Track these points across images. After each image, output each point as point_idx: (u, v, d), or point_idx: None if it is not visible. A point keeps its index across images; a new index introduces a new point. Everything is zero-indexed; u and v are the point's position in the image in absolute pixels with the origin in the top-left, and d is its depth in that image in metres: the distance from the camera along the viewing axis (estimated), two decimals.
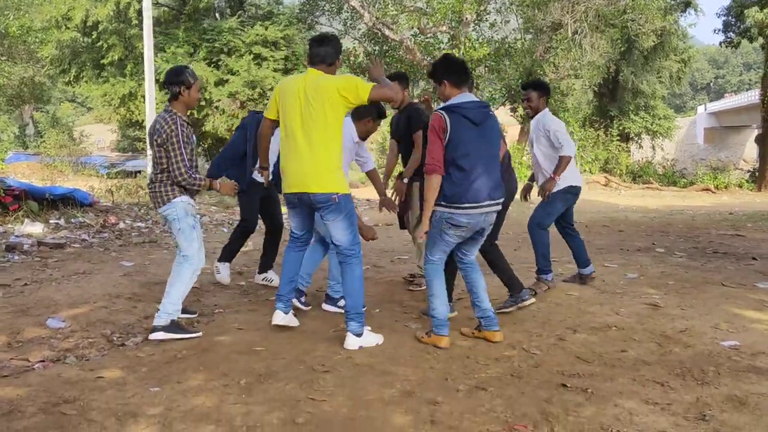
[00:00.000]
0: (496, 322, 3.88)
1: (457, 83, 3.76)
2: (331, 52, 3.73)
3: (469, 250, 3.90)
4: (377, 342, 3.74)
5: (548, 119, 4.91)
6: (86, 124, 41.18)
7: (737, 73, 77.03)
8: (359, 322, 3.70)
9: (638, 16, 19.90)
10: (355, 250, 3.72)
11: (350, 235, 3.71)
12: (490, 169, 3.67)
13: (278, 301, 3.95)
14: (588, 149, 23.65)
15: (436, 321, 3.78)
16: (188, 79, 3.93)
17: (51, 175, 17.68)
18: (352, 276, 3.72)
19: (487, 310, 3.88)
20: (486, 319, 3.87)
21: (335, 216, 3.66)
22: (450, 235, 3.70)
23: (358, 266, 3.73)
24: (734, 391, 3.00)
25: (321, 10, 23.47)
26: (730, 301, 4.75)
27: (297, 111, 3.63)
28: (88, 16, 21.62)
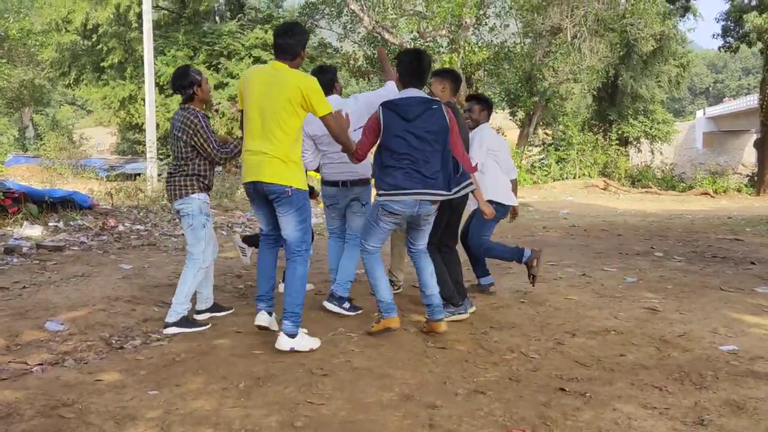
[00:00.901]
0: (440, 311, 3.96)
1: (404, 81, 3.91)
2: (294, 44, 3.63)
3: (415, 238, 4.02)
4: (312, 346, 3.65)
5: (484, 133, 4.91)
6: (86, 127, 41.21)
7: (736, 78, 77.17)
8: (294, 322, 3.62)
9: (637, 20, 19.95)
10: (302, 248, 3.70)
11: (300, 232, 3.68)
12: (421, 161, 3.76)
13: (259, 301, 3.92)
14: (587, 153, 23.66)
15: (384, 305, 3.92)
16: (196, 77, 4.05)
17: (50, 177, 17.66)
18: (294, 274, 3.68)
19: (431, 296, 3.96)
20: (429, 307, 3.97)
21: (287, 209, 3.64)
22: (385, 222, 3.87)
23: (302, 265, 3.71)
24: (732, 396, 3.00)
25: (321, 13, 23.53)
26: (728, 305, 4.76)
27: (257, 102, 3.59)
28: (88, 19, 21.69)
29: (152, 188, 13.51)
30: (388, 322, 3.93)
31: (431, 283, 3.99)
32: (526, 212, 13.69)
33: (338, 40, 23.81)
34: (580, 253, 7.50)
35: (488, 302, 4.90)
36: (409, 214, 3.82)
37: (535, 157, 25.37)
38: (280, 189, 3.59)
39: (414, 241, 4.03)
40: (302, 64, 3.82)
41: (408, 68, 3.92)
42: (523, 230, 10.00)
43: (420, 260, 4.04)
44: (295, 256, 3.70)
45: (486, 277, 5.22)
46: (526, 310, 4.67)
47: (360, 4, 19.21)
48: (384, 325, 3.93)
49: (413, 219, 3.88)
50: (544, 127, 25.88)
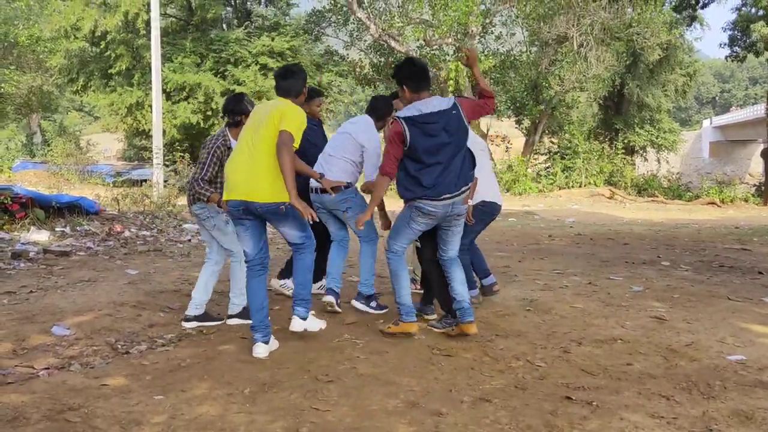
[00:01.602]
0: (470, 313, 4.02)
1: (415, 89, 3.94)
2: (294, 85, 3.84)
3: (446, 244, 4.11)
4: (320, 326, 3.95)
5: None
6: (93, 133, 41.37)
7: (743, 88, 77.04)
8: (305, 307, 3.87)
9: (644, 29, 19.96)
10: (306, 242, 3.86)
11: (299, 231, 3.82)
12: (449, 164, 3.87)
13: (256, 332, 3.73)
14: (593, 162, 23.64)
15: (404, 308, 4.05)
16: (248, 108, 4.26)
17: (57, 183, 17.72)
18: (302, 265, 3.88)
19: (462, 302, 4.03)
20: (460, 311, 4.03)
21: (283, 222, 3.78)
22: (418, 223, 3.99)
23: (309, 256, 3.88)
24: (741, 406, 2.98)
25: (327, 21, 23.65)
26: (736, 315, 4.74)
27: (252, 128, 3.78)
28: (96, 26, 21.84)
29: (158, 194, 13.54)
30: (407, 326, 4.05)
31: (462, 291, 4.07)
32: (532, 220, 13.67)
33: (345, 48, 23.92)
34: (586, 262, 7.48)
35: (494, 310, 4.89)
36: (443, 215, 3.91)
37: (541, 165, 25.36)
38: (275, 207, 3.70)
39: (445, 247, 4.11)
40: (309, 73, 3.94)
41: (412, 75, 3.97)
42: (529, 239, 9.98)
43: (451, 268, 4.11)
44: (301, 248, 3.86)
45: (488, 278, 5.18)
46: (532, 318, 4.65)
47: (366, 12, 19.29)
48: (403, 329, 4.03)
49: (446, 219, 3.97)
50: (549, 136, 25.88)
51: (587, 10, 19.09)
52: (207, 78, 21.03)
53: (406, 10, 19.45)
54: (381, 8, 19.99)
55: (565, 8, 19.05)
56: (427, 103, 3.89)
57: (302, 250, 3.86)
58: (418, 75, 3.96)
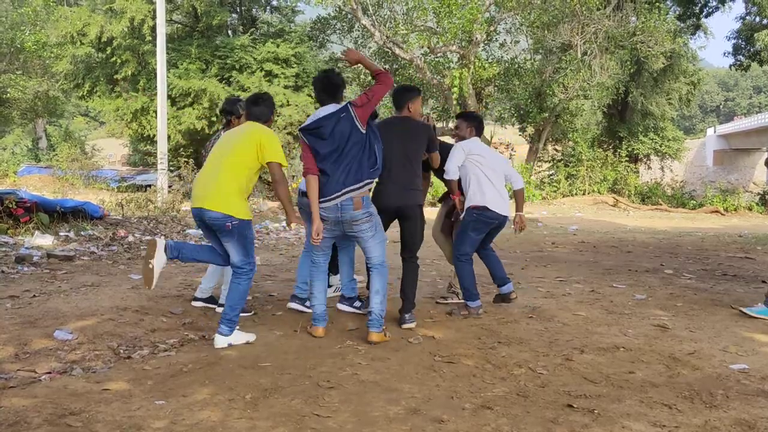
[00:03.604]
0: (375, 325, 4.13)
1: (321, 99, 4.26)
2: (265, 111, 4.15)
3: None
4: (247, 339, 4.04)
5: (462, 143, 4.99)
6: (98, 138, 41.61)
7: (747, 96, 76.97)
8: (229, 327, 3.97)
9: (648, 38, 19.96)
10: (245, 268, 3.98)
11: (241, 255, 3.96)
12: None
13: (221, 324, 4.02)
14: (596, 169, 23.62)
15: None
16: (239, 111, 4.68)
17: (62, 187, 17.83)
18: (237, 288, 3.98)
19: (371, 312, 4.15)
20: (369, 321, 4.16)
21: (228, 238, 3.94)
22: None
23: (246, 282, 4.00)
24: (743, 415, 2.97)
25: (332, 28, 23.73)
26: (739, 324, 4.72)
27: (219, 146, 4.08)
28: (102, 32, 21.96)
29: (162, 199, 13.58)
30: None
31: (375, 300, 4.17)
32: (535, 227, 13.65)
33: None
34: (588, 269, 7.46)
35: (496, 317, 4.88)
36: (334, 218, 4.13)
37: (545, 172, 25.35)
38: (222, 218, 3.87)
39: (366, 255, 4.32)
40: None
41: (315, 86, 4.39)
42: (532, 246, 9.97)
43: (371, 275, 4.30)
44: (240, 271, 3.99)
45: (506, 285, 5.15)
46: (535, 326, 4.65)
47: (371, 20, 19.35)
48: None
49: (344, 225, 4.17)
50: (553, 143, 25.89)
51: (591, 18, 19.10)
52: (212, 84, 21.11)
53: (411, 18, 19.50)
54: (386, 15, 20.05)
55: (569, 16, 19.07)
56: (322, 110, 4.18)
57: (240, 274, 3.98)
58: (317, 86, 4.29)
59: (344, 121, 4.07)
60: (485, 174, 4.88)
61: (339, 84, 4.30)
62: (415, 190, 4.55)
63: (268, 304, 5.24)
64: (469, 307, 4.93)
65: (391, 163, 4.41)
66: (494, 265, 5.14)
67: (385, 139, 4.35)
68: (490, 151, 5.11)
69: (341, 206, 4.05)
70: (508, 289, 5.14)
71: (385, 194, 4.49)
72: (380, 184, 4.53)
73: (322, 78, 4.32)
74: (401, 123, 4.61)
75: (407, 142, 4.53)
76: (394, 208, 4.49)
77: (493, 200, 4.87)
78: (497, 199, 4.89)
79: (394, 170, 4.44)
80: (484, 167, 4.89)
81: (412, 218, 4.56)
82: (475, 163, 4.89)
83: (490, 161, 4.95)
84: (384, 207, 4.44)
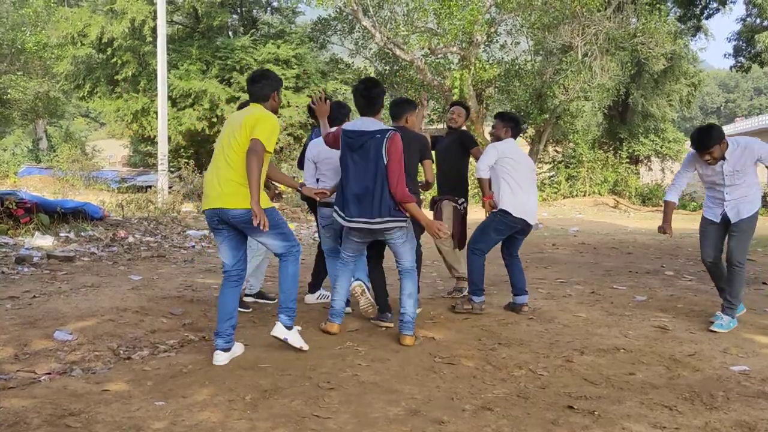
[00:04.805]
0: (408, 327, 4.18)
1: (360, 110, 4.27)
2: (264, 88, 3.86)
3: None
4: (301, 345, 3.87)
5: (497, 144, 5.03)
6: (99, 139, 41.59)
7: (748, 98, 76.94)
8: (289, 316, 3.84)
9: (648, 39, 19.95)
10: (290, 250, 3.80)
11: (281, 241, 3.77)
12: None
13: (218, 337, 3.73)
14: (597, 171, 23.61)
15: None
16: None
17: (62, 188, 17.83)
18: (286, 273, 3.81)
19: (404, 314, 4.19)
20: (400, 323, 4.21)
21: (259, 232, 3.67)
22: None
23: (293, 264, 3.81)
24: (743, 417, 2.96)
25: (333, 29, 23.71)
26: (740, 325, 4.71)
27: (223, 136, 3.79)
28: (103, 32, 21.94)
29: (163, 200, 13.59)
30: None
31: (406, 303, 4.19)
32: (535, 229, 13.64)
33: (350, 55, 23.99)
34: (589, 271, 7.46)
35: (497, 318, 4.88)
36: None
37: (545, 174, 25.33)
38: (247, 214, 3.59)
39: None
40: (314, 80, 3.97)
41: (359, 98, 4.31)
42: (533, 247, 9.96)
43: (402, 279, 4.29)
44: (285, 257, 3.81)
45: (521, 296, 5.16)
46: (535, 327, 4.64)
47: (372, 21, 19.34)
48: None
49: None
50: (554, 145, 25.86)
51: (592, 19, 19.09)
52: (212, 85, 21.09)
53: (412, 19, 19.50)
54: (386, 17, 20.04)
55: (569, 18, 19.05)
56: (366, 122, 4.18)
57: (285, 258, 3.80)
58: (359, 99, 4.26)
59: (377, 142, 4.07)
60: (515, 178, 4.90)
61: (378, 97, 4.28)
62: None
63: (266, 306, 5.23)
64: (473, 301, 4.94)
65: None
66: (516, 275, 5.17)
67: None
68: (523, 154, 5.10)
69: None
70: (522, 300, 5.15)
71: None
72: None
73: (363, 89, 4.25)
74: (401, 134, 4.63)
75: (404, 152, 4.55)
76: None
77: (523, 205, 4.90)
78: (525, 204, 4.92)
79: None
80: (516, 170, 4.91)
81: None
82: (508, 165, 4.89)
83: (523, 164, 4.98)
84: None
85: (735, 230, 4.60)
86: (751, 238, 4.71)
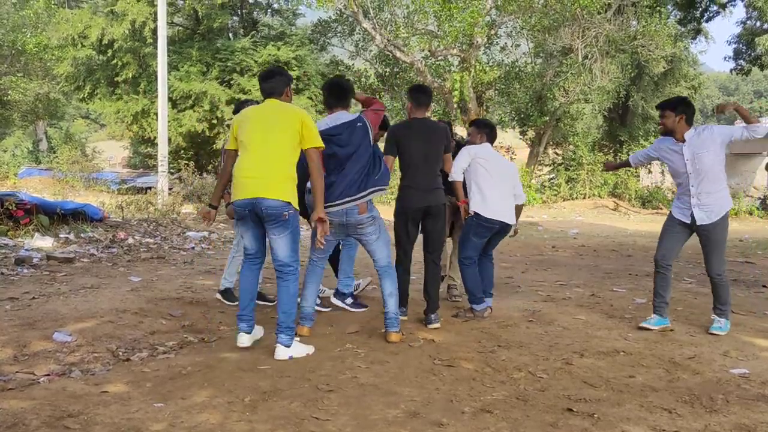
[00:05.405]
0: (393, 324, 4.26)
1: (330, 104, 4.34)
2: (279, 84, 3.94)
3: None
4: (307, 352, 3.85)
5: (469, 147, 5.05)
6: (99, 141, 41.57)
7: (748, 101, 76.89)
8: (289, 336, 3.81)
9: (648, 42, 19.96)
10: (293, 266, 3.83)
11: (292, 251, 3.82)
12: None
13: (240, 321, 3.93)
14: (597, 173, 23.60)
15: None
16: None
17: (62, 190, 17.80)
18: (287, 292, 3.82)
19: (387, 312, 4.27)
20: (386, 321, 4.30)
21: (281, 231, 3.76)
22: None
23: (294, 284, 3.85)
24: (743, 420, 2.96)
25: (333, 31, 23.73)
26: (739, 328, 4.71)
27: (257, 130, 3.78)
28: (103, 34, 21.97)
29: (163, 202, 13.58)
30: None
31: (389, 302, 4.26)
32: (535, 231, 13.64)
33: (350, 57, 24.00)
34: (589, 273, 7.46)
35: (496, 321, 4.87)
36: (338, 222, 4.19)
37: (545, 176, 25.33)
38: (280, 207, 3.69)
39: (372, 257, 4.43)
40: (315, 82, 4.02)
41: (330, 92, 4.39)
42: (533, 249, 9.96)
43: (381, 277, 4.35)
44: (287, 276, 3.83)
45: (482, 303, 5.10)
46: (535, 330, 4.64)
47: (372, 23, 19.35)
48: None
49: (350, 228, 4.28)
50: (554, 147, 25.86)
51: (592, 22, 19.11)
52: (213, 86, 21.11)
53: (412, 21, 19.51)
54: (386, 19, 20.05)
55: (570, 20, 19.08)
56: (337, 117, 4.24)
57: (287, 274, 3.82)
58: (328, 92, 4.35)
59: (359, 130, 4.17)
60: (487, 179, 4.88)
61: (348, 90, 4.39)
62: (438, 188, 4.67)
63: (265, 307, 5.23)
64: (475, 310, 4.93)
65: (412, 165, 4.58)
66: (487, 275, 5.17)
67: (405, 141, 4.54)
68: (498, 157, 5.12)
69: (346, 211, 4.11)
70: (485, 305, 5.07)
71: (408, 196, 4.62)
72: (404, 187, 4.65)
73: (333, 84, 4.39)
74: (421, 125, 4.70)
75: (428, 143, 4.65)
76: (418, 209, 4.61)
77: (494, 206, 4.88)
78: (498, 204, 4.90)
79: (415, 172, 4.59)
80: (488, 172, 4.89)
81: (437, 217, 4.68)
82: (480, 167, 4.89)
83: (496, 166, 4.96)
84: (408, 209, 4.60)
85: (707, 242, 4.48)
86: (726, 243, 4.56)
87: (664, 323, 4.63)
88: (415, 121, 4.70)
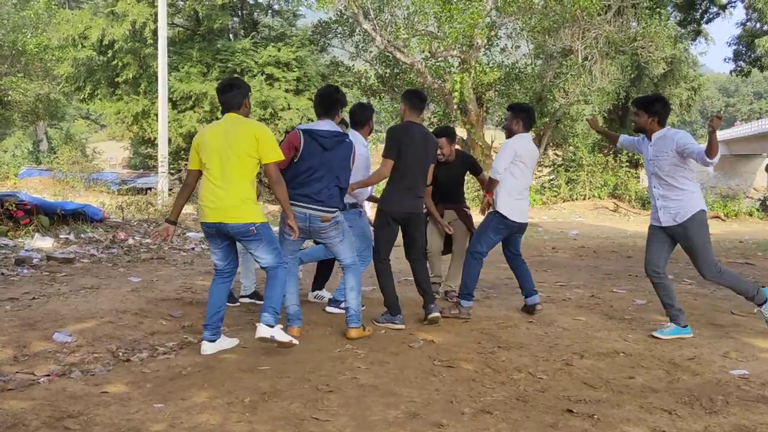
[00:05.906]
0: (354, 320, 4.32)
1: (318, 113, 4.38)
2: (237, 96, 3.93)
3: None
4: (289, 340, 3.85)
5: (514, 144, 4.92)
6: (99, 141, 41.58)
7: (747, 102, 77.03)
8: (273, 315, 3.82)
9: (648, 43, 19.97)
10: (281, 263, 3.91)
11: (273, 254, 3.89)
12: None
13: (206, 329, 3.94)
14: (597, 174, 23.59)
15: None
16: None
17: (63, 190, 17.81)
18: (275, 279, 3.88)
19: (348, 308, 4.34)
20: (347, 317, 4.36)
21: (257, 245, 3.86)
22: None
23: (282, 271, 3.91)
24: (743, 421, 2.96)
25: (333, 32, 23.73)
26: (739, 329, 4.71)
27: (216, 151, 3.81)
28: (104, 35, 22.00)
29: (163, 202, 13.58)
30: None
31: (350, 297, 4.33)
32: (535, 232, 13.64)
33: (350, 58, 23.99)
34: (589, 274, 7.46)
35: (496, 321, 4.87)
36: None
37: (545, 177, 25.33)
38: (246, 228, 3.80)
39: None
40: (315, 83, 4.02)
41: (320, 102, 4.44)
42: (533, 250, 9.96)
43: (345, 273, 4.41)
44: (275, 271, 3.90)
45: (532, 297, 5.14)
46: (534, 330, 4.64)
47: (372, 24, 19.36)
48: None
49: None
50: (554, 148, 25.85)
51: (592, 23, 19.12)
52: (213, 87, 21.08)
53: (412, 22, 19.51)
54: (387, 20, 20.05)
55: (570, 21, 19.08)
56: (329, 125, 4.28)
57: (276, 269, 3.90)
58: (319, 100, 4.40)
59: (345, 146, 4.22)
60: (521, 180, 4.90)
61: (337, 102, 4.38)
62: (421, 198, 4.75)
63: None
64: (462, 305, 4.92)
65: (408, 169, 4.57)
66: (523, 276, 5.16)
67: (406, 145, 4.52)
68: (533, 152, 5.07)
69: (309, 217, 4.15)
70: (533, 300, 5.13)
71: (397, 200, 4.61)
72: (396, 189, 4.61)
73: (326, 93, 4.40)
74: (419, 131, 4.68)
75: (425, 151, 4.67)
76: (403, 214, 4.62)
77: (518, 209, 4.92)
78: (521, 207, 4.95)
79: (410, 177, 4.59)
80: (523, 173, 4.90)
81: (419, 224, 4.75)
82: (517, 168, 4.87)
83: (530, 163, 4.98)
84: (394, 211, 4.59)
85: (685, 246, 4.41)
86: (709, 245, 4.44)
87: (680, 332, 4.42)
88: (414, 126, 4.67)
